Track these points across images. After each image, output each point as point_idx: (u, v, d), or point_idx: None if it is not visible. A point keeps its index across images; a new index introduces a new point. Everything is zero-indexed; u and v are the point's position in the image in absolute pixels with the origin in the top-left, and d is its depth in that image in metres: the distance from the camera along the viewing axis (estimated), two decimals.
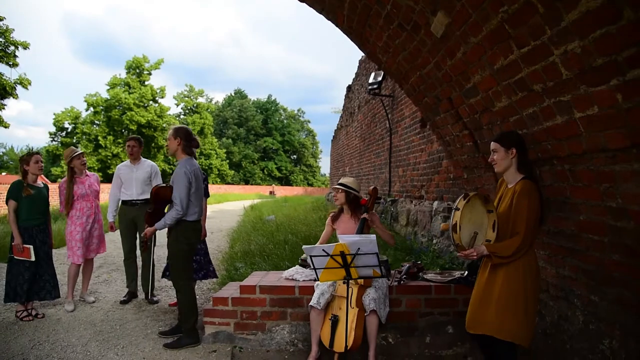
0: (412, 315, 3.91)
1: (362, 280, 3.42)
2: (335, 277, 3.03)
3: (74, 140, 36.25)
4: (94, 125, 35.97)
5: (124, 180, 5.39)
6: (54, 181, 28.01)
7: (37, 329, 4.43)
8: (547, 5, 2.00)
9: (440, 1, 2.67)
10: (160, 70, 39.97)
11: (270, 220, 13.09)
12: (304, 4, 4.21)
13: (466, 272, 4.10)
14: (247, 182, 56.26)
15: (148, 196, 5.45)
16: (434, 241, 6.97)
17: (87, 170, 5.37)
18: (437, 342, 3.87)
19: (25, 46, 16.52)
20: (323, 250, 2.85)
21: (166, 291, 5.86)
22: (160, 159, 35.96)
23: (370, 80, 10.44)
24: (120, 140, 35.10)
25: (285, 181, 60.93)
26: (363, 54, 14.77)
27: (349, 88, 17.67)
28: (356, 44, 4.49)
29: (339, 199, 3.95)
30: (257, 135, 60.16)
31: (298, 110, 67.67)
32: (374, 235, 2.93)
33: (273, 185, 53.56)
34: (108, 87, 35.83)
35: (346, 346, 3.15)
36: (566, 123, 2.40)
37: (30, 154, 4.90)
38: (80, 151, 5.28)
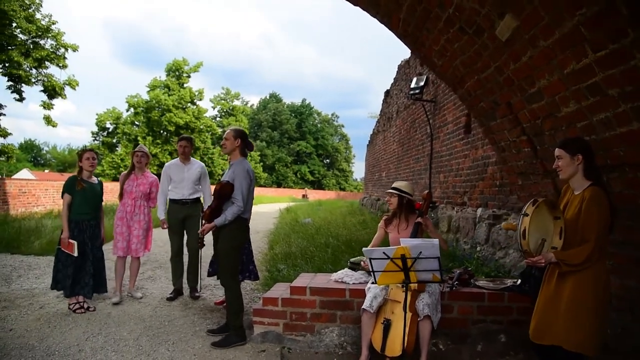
0: (464, 322, 3.85)
1: (416, 284, 3.39)
2: (393, 280, 3.02)
3: (115, 140, 37.43)
4: (134, 126, 37.01)
5: (175, 179, 5.51)
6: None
7: (90, 322, 4.58)
8: (632, 7, 1.95)
9: (509, 4, 2.63)
10: (199, 73, 40.97)
11: (307, 223, 13.15)
12: (358, 7, 4.24)
13: (519, 280, 4.00)
14: (279, 185, 56.69)
15: (197, 195, 5.58)
16: (478, 249, 6.84)
17: (148, 172, 5.53)
18: (489, 350, 3.79)
19: (75, 49, 17.18)
20: (384, 253, 2.84)
21: (210, 289, 5.96)
22: (197, 159, 36.61)
23: (412, 85, 10.35)
24: (159, 141, 36.02)
25: (317, 185, 61.09)
26: (402, 60, 14.78)
27: (387, 93, 17.59)
28: (410, 48, 4.47)
29: (392, 203, 3.94)
30: (291, 138, 60.58)
31: (332, 115, 67.87)
32: (437, 239, 2.91)
33: (306, 188, 53.78)
34: (148, 89, 36.85)
35: (403, 350, 3.12)
36: None
37: (83, 151, 5.09)
38: (144, 150, 5.46)
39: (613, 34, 2.12)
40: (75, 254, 4.73)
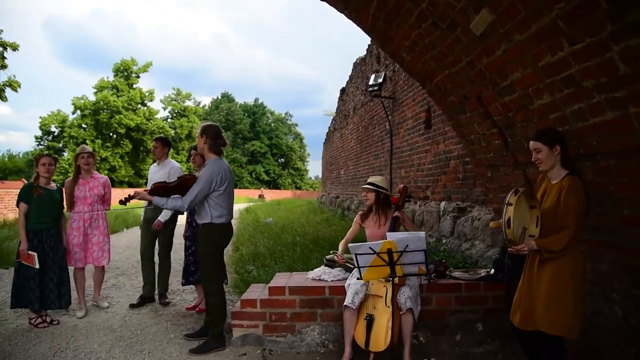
0: (442, 314, 3.91)
1: (397, 278, 3.41)
2: (379, 275, 3.02)
3: (61, 144, 35.75)
4: (81, 129, 35.50)
5: (149, 181, 5.37)
6: None
7: (55, 336, 4.33)
8: (612, 1, 2.02)
9: None
10: (148, 73, 39.77)
11: (269, 222, 13.04)
12: (325, 2, 4.21)
13: (492, 270, 4.11)
14: (235, 186, 55.75)
15: None
16: (444, 241, 7.00)
17: (96, 172, 5.25)
18: (468, 340, 3.87)
19: (15, 47, 16.24)
20: (370, 248, 2.84)
21: (179, 294, 5.79)
22: (149, 162, 35.63)
23: (371, 82, 10.46)
24: (109, 144, 34.73)
25: (273, 185, 60.78)
26: (358, 57, 14.92)
27: (343, 91, 17.72)
28: (378, 43, 4.49)
29: (369, 199, 3.94)
30: (245, 138, 59.94)
31: (286, 114, 67.75)
32: (424, 232, 2.93)
33: (262, 188, 53.35)
34: (95, 90, 35.43)
35: (392, 343, 3.13)
36: (618, 118, 2.42)
37: (40, 156, 4.80)
38: (89, 150, 5.16)
39: (591, 27, 2.20)
40: (37, 266, 4.44)
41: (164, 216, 5.25)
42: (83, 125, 35.37)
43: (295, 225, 10.42)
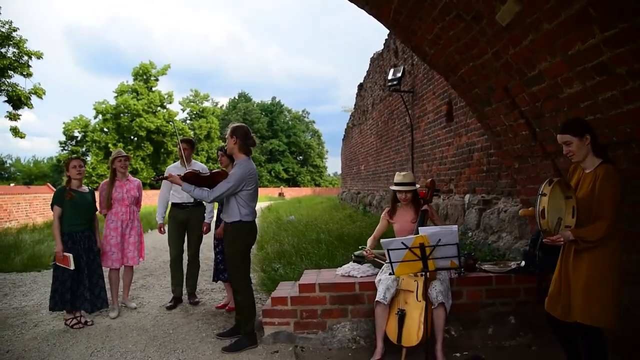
0: (473, 307, 3.89)
1: (428, 273, 3.41)
2: (411, 270, 3.02)
3: (84, 149, 36.50)
4: (103, 133, 36.13)
5: None
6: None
7: (90, 337, 4.43)
8: None
9: None
10: (166, 76, 40.23)
11: (292, 220, 13.11)
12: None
13: (523, 262, 4.07)
14: None
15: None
16: (469, 234, 6.94)
17: (130, 176, 5.39)
18: (500, 333, 3.85)
19: (39, 56, 16.62)
20: (402, 243, 2.84)
21: (208, 294, 5.87)
22: (169, 163, 36.12)
23: (390, 76, 10.41)
24: (130, 147, 35.30)
25: (292, 182, 60.99)
26: (375, 52, 14.85)
27: (361, 86, 17.66)
28: (400, 38, 4.47)
29: (407, 198, 3.93)
30: (263, 137, 60.24)
31: (303, 111, 67.90)
32: (456, 225, 2.92)
33: (281, 187, 53.59)
34: (116, 94, 36.05)
35: (425, 337, 3.14)
36: None
37: (70, 159, 4.90)
38: (125, 154, 5.30)
39: (624, 12, 2.16)
40: (72, 267, 4.56)
41: (209, 218, 5.41)
42: (105, 129, 36.03)
43: (319, 222, 10.45)
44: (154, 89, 36.97)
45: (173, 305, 5.31)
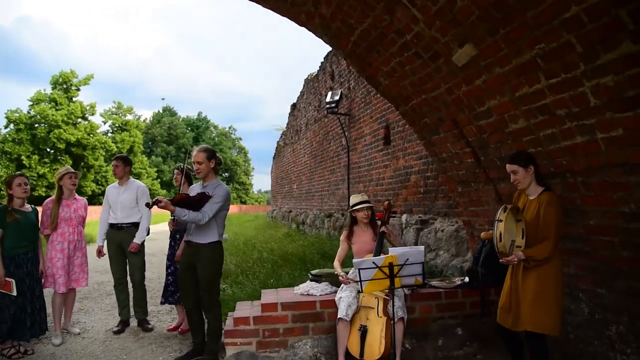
0: (425, 321, 4.18)
1: (387, 290, 3.65)
2: (379, 288, 3.24)
3: None
4: (16, 144, 33.29)
5: (111, 203, 5.23)
6: None
7: None
8: (587, 46, 2.39)
9: (470, 35, 3.01)
10: (87, 86, 38.08)
11: (226, 239, 12.94)
12: (304, 27, 4.44)
13: (466, 278, 4.45)
14: None
15: (134, 220, 5.27)
16: None
17: (76, 195, 5.16)
18: (449, 344, 4.16)
19: None
20: (373, 262, 3.06)
21: (157, 316, 5.71)
22: (90, 179, 34.09)
23: (327, 99, 10.78)
24: (46, 160, 32.90)
25: None
26: (309, 74, 15.25)
27: (294, 106, 17.99)
28: (355, 67, 4.77)
29: (368, 216, 4.15)
30: (185, 151, 58.70)
31: (229, 128, 67.21)
32: (423, 246, 3.19)
33: None
34: (32, 103, 33.56)
35: (390, 352, 3.35)
36: (587, 142, 2.81)
37: (13, 176, 4.62)
38: (74, 171, 5.08)
39: (567, 65, 2.56)
40: (14, 293, 4.27)
41: (140, 237, 5.15)
42: (17, 140, 33.27)
43: (257, 242, 10.47)
44: (74, 99, 34.93)
45: (121, 329, 5.11)
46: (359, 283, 3.20)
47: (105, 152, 38.04)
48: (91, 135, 35.13)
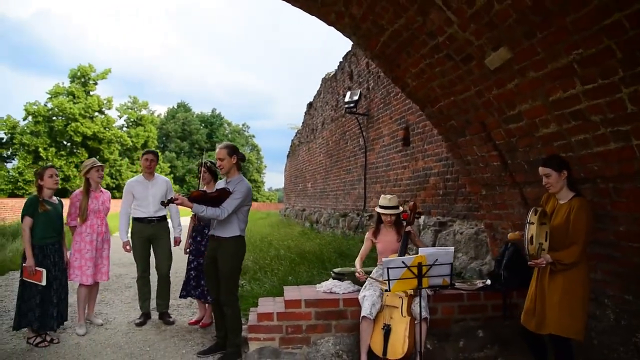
0: (447, 322, 4.20)
1: (412, 290, 3.68)
2: (407, 287, 3.27)
3: (10, 152, 34.05)
4: (34, 136, 33.74)
5: (139, 197, 5.30)
6: None
7: (60, 355, 4.27)
8: (627, 52, 2.39)
9: (506, 38, 3.02)
10: (104, 80, 38.50)
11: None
12: (332, 27, 4.47)
13: (488, 281, 4.46)
14: None
15: (164, 213, 5.40)
16: None
17: (102, 187, 5.26)
18: (470, 346, 4.17)
19: None
20: (402, 262, 3.09)
21: (177, 310, 5.79)
22: (105, 172, 34.38)
23: (346, 99, 10.81)
24: (63, 152, 33.34)
25: None
26: (327, 73, 15.28)
27: (310, 105, 18.05)
28: (382, 68, 4.78)
29: (391, 221, 4.18)
30: (202, 149, 59.16)
31: (243, 125, 67.43)
32: (452, 247, 3.21)
33: None
34: (50, 96, 34.01)
35: (412, 351, 3.37)
36: (621, 148, 2.81)
37: (44, 168, 4.72)
38: (100, 164, 5.17)
39: (605, 71, 2.57)
40: (44, 283, 4.38)
41: (179, 231, 5.39)
42: (34, 132, 33.76)
43: (272, 239, 10.53)
44: (92, 93, 35.36)
45: (143, 321, 5.20)
46: (387, 282, 3.23)
47: (120, 146, 38.50)
48: (107, 129, 35.51)
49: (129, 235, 5.35)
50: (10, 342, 4.62)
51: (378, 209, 4.22)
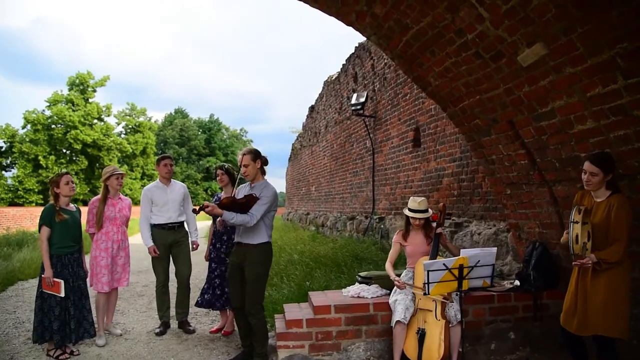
0: (478, 324, 4.13)
1: (446, 293, 3.60)
2: (446, 290, 3.20)
3: (9, 160, 33.87)
4: (34, 144, 33.54)
5: (158, 203, 5.21)
6: None
7: None
8: None
9: (542, 34, 2.96)
10: (102, 87, 38.35)
11: None
12: (351, 27, 4.40)
13: (517, 281, 4.39)
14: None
15: (183, 219, 5.31)
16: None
17: (121, 194, 5.18)
18: (502, 348, 4.11)
19: None
20: (444, 264, 3.02)
21: (196, 318, 5.69)
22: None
23: (353, 101, 10.76)
24: (63, 160, 33.18)
25: None
26: (329, 76, 15.23)
27: (312, 108, 18.00)
28: (402, 68, 4.70)
29: (420, 224, 4.10)
30: (200, 155, 59.06)
31: (241, 130, 67.31)
32: (495, 248, 3.14)
33: None
34: (49, 104, 33.88)
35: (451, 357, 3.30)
36: None
37: (59, 175, 4.60)
38: (122, 172, 5.10)
39: None
40: (62, 294, 4.28)
41: (196, 236, 5.34)
42: (34, 140, 33.58)
43: (283, 244, 10.44)
44: (91, 100, 35.26)
45: (162, 330, 5.10)
46: (427, 285, 3.16)
47: (119, 153, 38.35)
48: (107, 136, 35.37)
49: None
50: (29, 355, 4.53)
51: (407, 212, 4.15)
